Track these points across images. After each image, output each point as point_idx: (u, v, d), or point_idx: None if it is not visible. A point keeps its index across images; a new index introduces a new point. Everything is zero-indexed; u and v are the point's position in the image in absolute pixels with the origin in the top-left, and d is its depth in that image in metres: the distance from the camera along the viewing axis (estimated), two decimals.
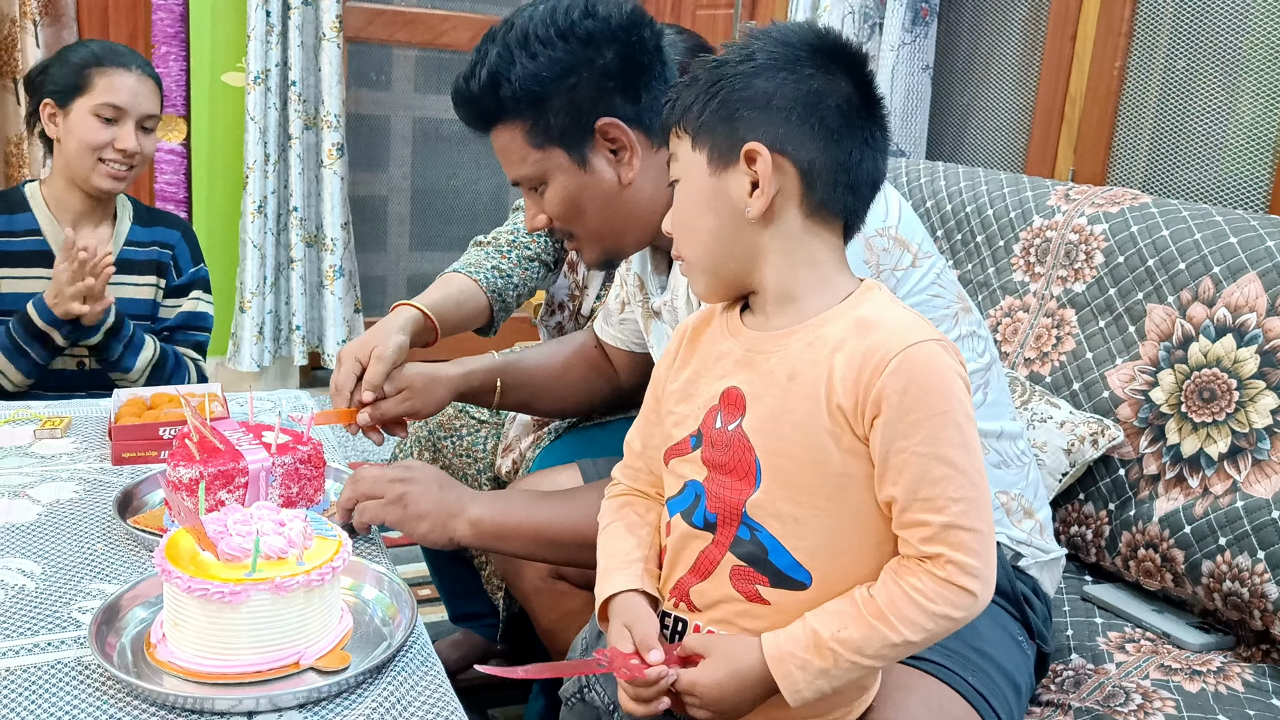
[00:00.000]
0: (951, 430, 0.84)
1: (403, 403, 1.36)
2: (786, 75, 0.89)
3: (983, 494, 0.85)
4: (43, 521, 1.24)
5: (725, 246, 0.92)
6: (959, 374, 0.85)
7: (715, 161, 0.91)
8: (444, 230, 3.75)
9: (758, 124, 0.88)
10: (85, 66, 1.81)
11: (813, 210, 0.90)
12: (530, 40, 1.20)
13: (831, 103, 0.88)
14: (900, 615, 0.85)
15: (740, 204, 0.89)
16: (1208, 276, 1.50)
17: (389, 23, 3.46)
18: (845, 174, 0.89)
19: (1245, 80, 1.99)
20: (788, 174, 0.89)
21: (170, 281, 1.97)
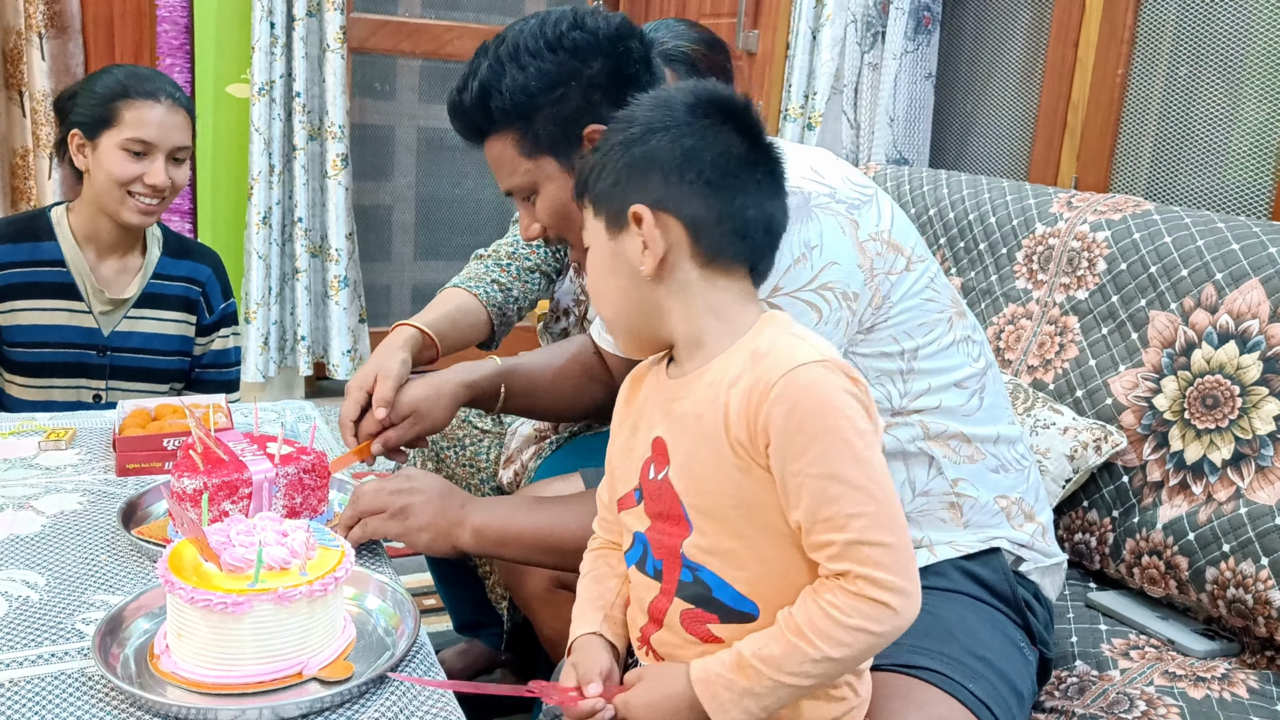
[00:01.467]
0: (841, 447, 0.85)
1: (411, 428, 1.36)
2: (663, 136, 0.93)
3: (885, 507, 0.85)
4: (47, 533, 1.24)
5: (633, 304, 0.96)
6: (846, 391, 0.86)
7: (611, 227, 0.96)
8: (448, 239, 3.76)
9: (640, 187, 0.93)
10: (112, 99, 1.76)
11: (707, 261, 0.93)
12: (520, 52, 1.22)
13: (708, 156, 0.92)
14: (817, 631, 0.86)
15: (636, 264, 0.93)
16: (1210, 283, 1.50)
17: (393, 33, 3.47)
18: (732, 222, 0.92)
19: (1248, 86, 1.99)
20: (673, 230, 0.92)
21: (202, 320, 1.95)
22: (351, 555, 1.03)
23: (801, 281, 1.07)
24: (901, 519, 0.86)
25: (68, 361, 1.85)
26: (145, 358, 1.90)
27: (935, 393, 1.18)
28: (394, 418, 1.35)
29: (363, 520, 1.23)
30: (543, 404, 1.55)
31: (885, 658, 1.08)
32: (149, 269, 1.88)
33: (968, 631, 1.13)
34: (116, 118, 1.76)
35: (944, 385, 1.19)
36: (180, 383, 1.98)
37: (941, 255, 1.93)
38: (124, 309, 1.87)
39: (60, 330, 1.83)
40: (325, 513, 1.32)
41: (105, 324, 1.86)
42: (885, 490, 0.86)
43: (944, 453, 1.19)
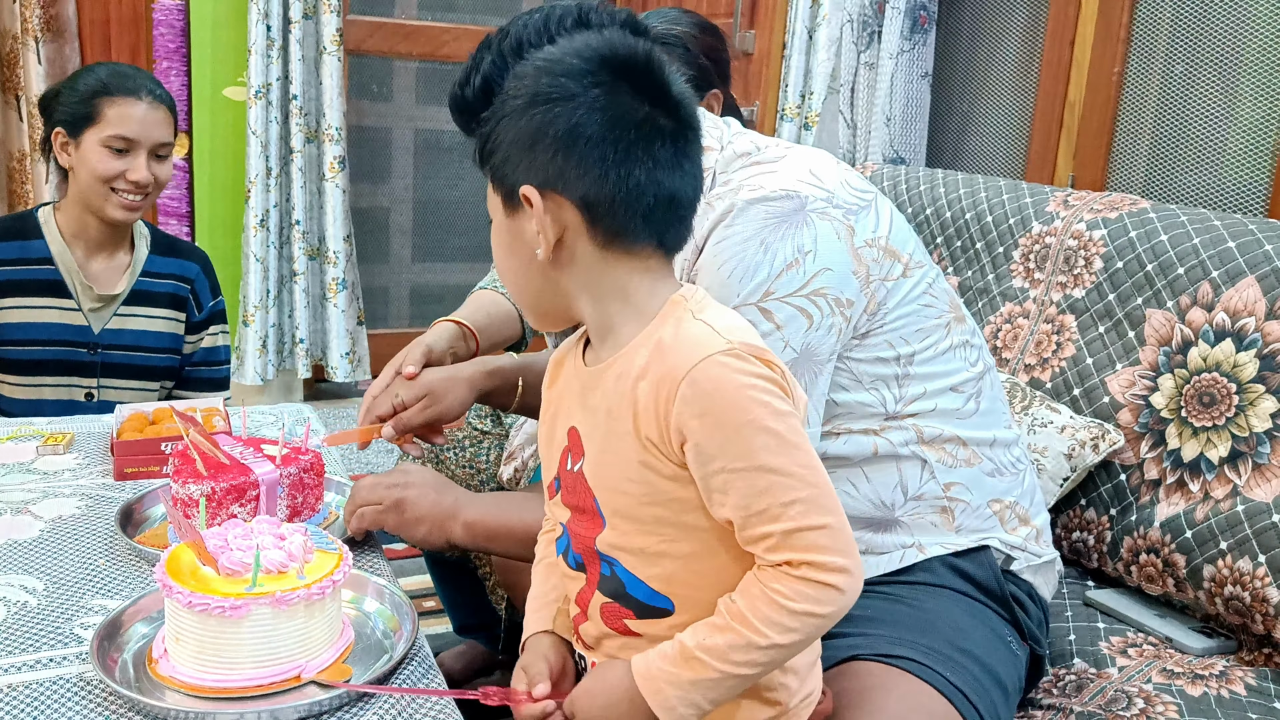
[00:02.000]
0: (762, 437, 0.81)
1: (424, 410, 1.33)
2: (549, 108, 0.86)
3: (818, 487, 0.83)
4: (45, 538, 1.24)
5: (534, 285, 0.92)
6: (757, 376, 0.82)
7: (506, 204, 0.90)
8: (446, 241, 3.76)
9: (528, 165, 0.87)
10: (94, 95, 1.77)
11: (607, 241, 0.87)
12: (523, 47, 1.21)
13: (599, 129, 0.85)
14: (762, 617, 0.82)
15: (533, 245, 0.88)
16: (1206, 281, 1.50)
17: (390, 35, 3.47)
18: (629, 201, 0.86)
19: (1244, 84, 1.99)
20: (567, 211, 0.86)
21: (191, 317, 1.96)
22: (349, 558, 1.04)
23: (793, 287, 1.07)
24: (834, 496, 0.84)
25: (59, 359, 1.85)
26: (136, 355, 1.90)
27: (931, 397, 1.18)
28: (407, 398, 1.34)
29: (359, 512, 1.24)
30: None
31: (865, 647, 1.08)
32: (137, 266, 1.90)
33: (951, 624, 1.14)
34: (98, 115, 1.78)
35: (940, 389, 1.19)
36: (171, 381, 1.98)
37: (938, 255, 1.93)
38: (113, 306, 1.87)
39: (50, 328, 1.84)
40: (321, 511, 1.32)
41: (95, 321, 1.86)
42: (815, 472, 0.83)
43: (938, 456, 1.19)
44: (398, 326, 3.74)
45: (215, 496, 1.16)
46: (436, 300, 3.80)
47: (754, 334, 0.87)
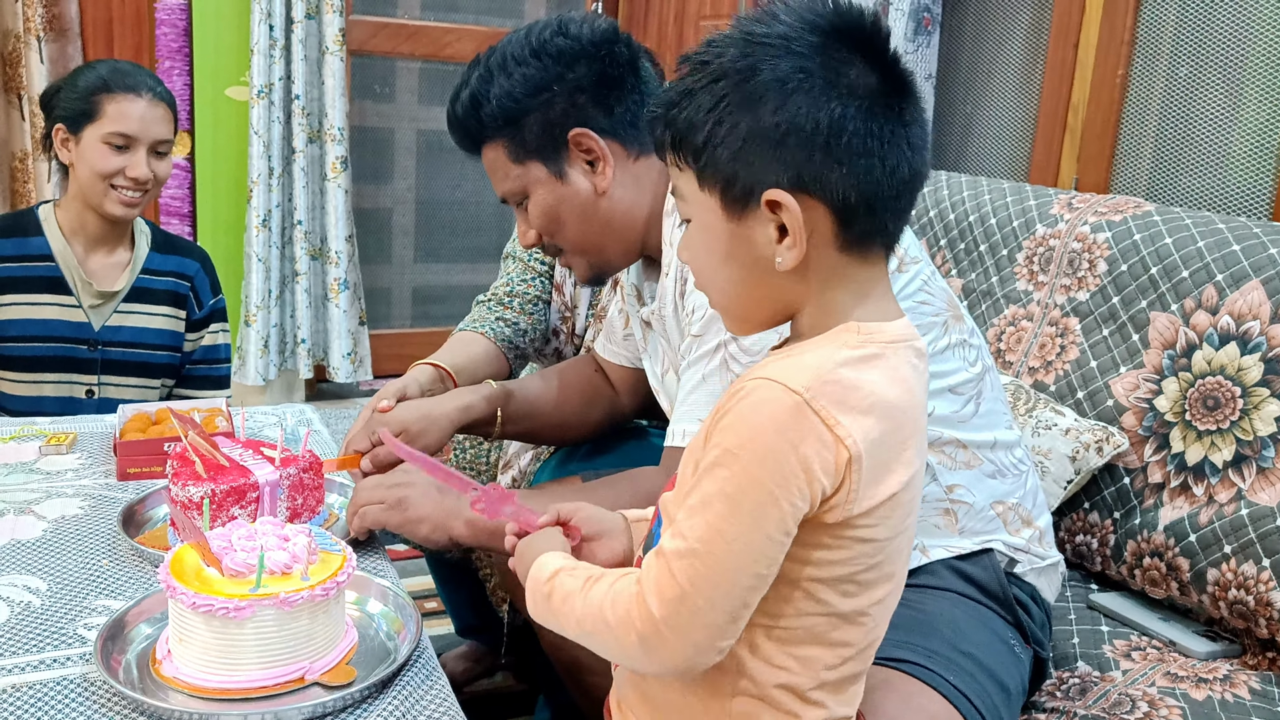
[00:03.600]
0: (726, 470, 0.74)
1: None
2: (800, 98, 0.75)
3: (711, 565, 0.74)
4: (48, 538, 1.24)
5: (754, 295, 0.82)
6: (802, 438, 0.73)
7: (731, 206, 0.79)
8: (448, 242, 3.75)
9: (775, 163, 0.76)
10: (94, 92, 1.78)
11: (849, 245, 0.78)
12: (508, 61, 1.27)
13: (858, 123, 0.75)
14: (590, 594, 0.80)
15: (766, 253, 0.78)
16: (1211, 284, 1.50)
17: (392, 35, 3.47)
18: (885, 195, 0.77)
19: (1248, 87, 1.99)
20: (818, 214, 0.77)
21: (191, 315, 1.96)
22: (353, 560, 1.03)
23: None
24: (722, 598, 0.75)
25: (59, 356, 1.86)
26: (136, 352, 1.91)
27: (929, 398, 1.18)
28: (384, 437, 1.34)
29: (362, 511, 1.24)
30: (542, 426, 1.54)
31: None
32: (137, 263, 1.90)
33: (953, 627, 1.14)
34: (98, 112, 1.78)
35: (938, 390, 1.19)
36: (171, 379, 1.98)
37: (942, 257, 1.93)
38: (113, 303, 1.87)
39: (50, 324, 1.84)
40: (321, 512, 1.32)
41: (95, 318, 1.86)
42: (728, 552, 0.73)
43: (939, 459, 1.19)
44: (400, 327, 3.74)
45: (215, 498, 1.16)
46: (438, 300, 3.80)
47: (866, 404, 0.76)
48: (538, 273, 1.83)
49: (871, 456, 0.75)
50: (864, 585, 0.80)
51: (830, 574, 0.78)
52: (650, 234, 1.31)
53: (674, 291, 1.26)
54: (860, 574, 0.79)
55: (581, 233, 1.30)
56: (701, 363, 1.17)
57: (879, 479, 0.76)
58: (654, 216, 1.29)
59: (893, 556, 0.81)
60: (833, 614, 0.80)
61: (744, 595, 0.75)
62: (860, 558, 0.78)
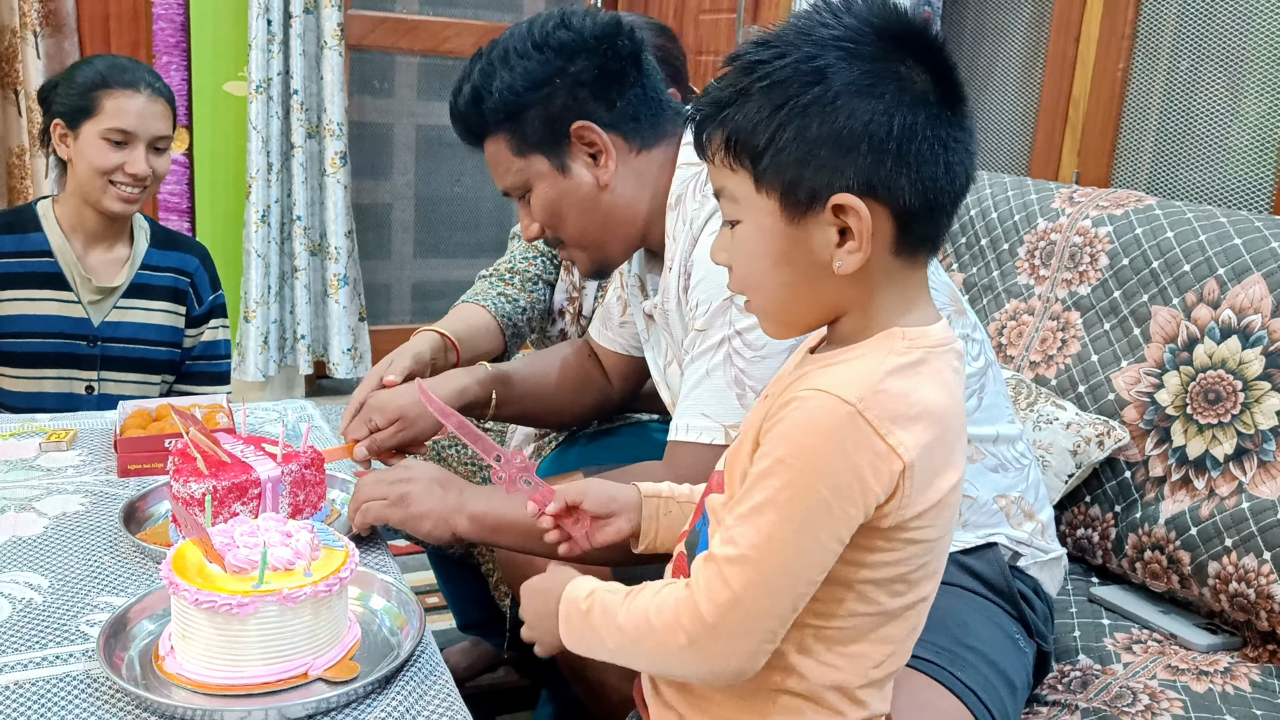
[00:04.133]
0: (778, 480, 0.75)
1: (397, 433, 1.36)
2: (873, 104, 0.75)
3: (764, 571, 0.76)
4: (49, 535, 1.24)
5: (803, 299, 0.81)
6: (856, 449, 0.74)
7: (791, 209, 0.78)
8: (448, 237, 3.75)
9: (845, 167, 0.76)
10: (92, 88, 1.77)
11: (904, 250, 0.79)
12: (509, 55, 1.26)
13: (927, 129, 0.76)
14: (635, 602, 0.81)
15: (824, 256, 0.78)
16: (1212, 278, 1.49)
17: (391, 30, 3.46)
18: (945, 201, 0.78)
19: (1249, 80, 1.99)
20: (881, 218, 0.77)
21: (191, 311, 1.96)
22: (356, 556, 1.03)
23: None
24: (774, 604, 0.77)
25: (58, 352, 1.85)
26: (136, 348, 1.90)
27: None
28: (380, 422, 1.35)
29: (364, 507, 1.24)
30: (536, 410, 1.55)
31: None
32: (137, 259, 1.90)
33: (959, 623, 1.14)
34: (97, 108, 1.78)
35: None
36: (172, 374, 1.98)
37: (943, 251, 1.93)
38: (113, 299, 1.87)
39: (50, 320, 1.83)
40: (323, 508, 1.32)
41: (95, 314, 1.86)
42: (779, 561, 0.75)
43: None
44: (399, 322, 3.74)
45: (217, 495, 1.16)
46: (438, 296, 3.80)
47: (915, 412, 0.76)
48: (540, 252, 1.83)
49: (923, 463, 0.76)
50: (913, 584, 0.82)
51: (883, 575, 0.80)
52: (652, 228, 1.30)
53: (677, 286, 1.26)
54: (911, 574, 0.81)
55: (583, 226, 1.30)
56: (705, 357, 1.17)
57: (930, 483, 0.78)
58: (656, 210, 1.29)
59: (940, 554, 0.83)
60: (882, 613, 0.81)
61: (795, 601, 0.77)
62: (912, 558, 0.80)
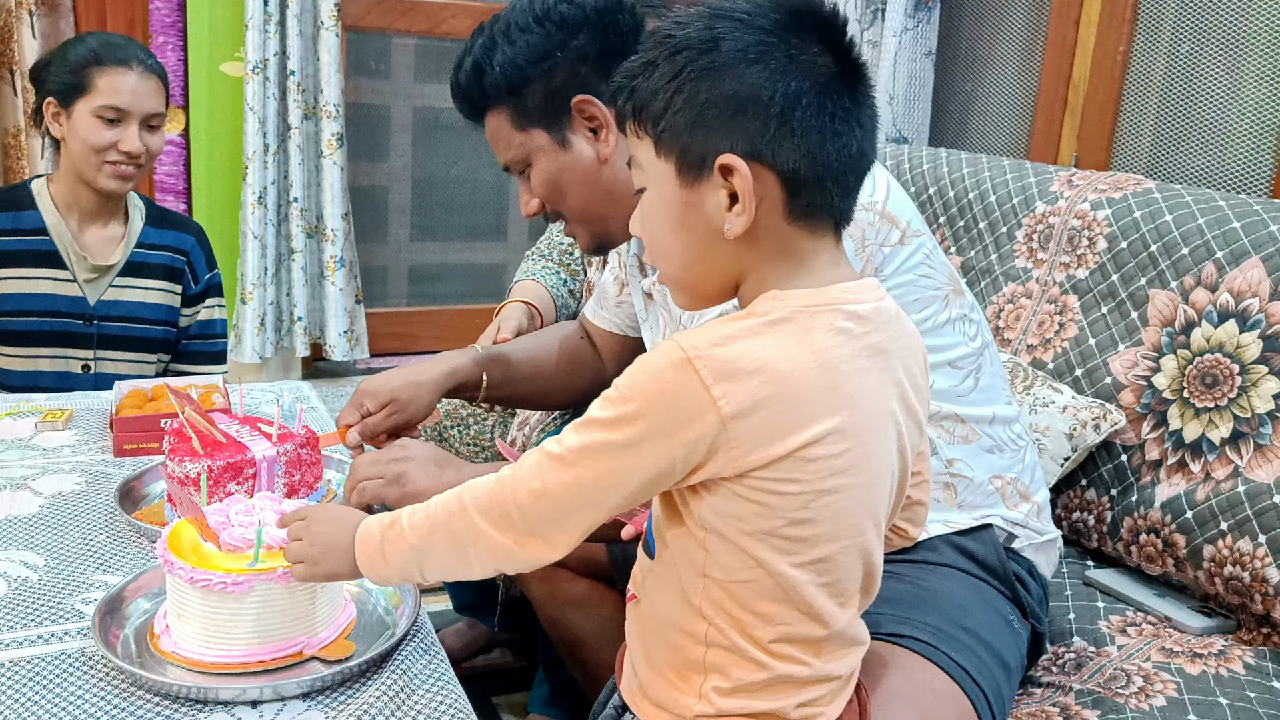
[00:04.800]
0: (610, 404, 0.80)
1: (389, 417, 1.35)
2: (759, 70, 0.79)
3: (573, 477, 0.81)
4: (45, 513, 1.24)
5: (705, 263, 0.85)
6: (670, 380, 0.78)
7: (685, 172, 0.82)
8: (445, 219, 3.73)
9: (731, 131, 0.80)
10: (85, 65, 1.76)
11: (798, 215, 0.82)
12: (511, 28, 1.27)
13: (813, 98, 0.79)
14: (448, 493, 0.88)
15: (717, 219, 0.82)
16: (1210, 262, 1.49)
17: (388, 11, 3.44)
18: (834, 172, 0.81)
19: (1249, 64, 1.98)
20: (768, 183, 0.80)
21: (187, 289, 1.95)
22: None
23: None
24: (571, 508, 0.82)
25: (54, 330, 1.85)
26: (132, 326, 1.90)
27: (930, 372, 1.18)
28: (372, 406, 1.35)
29: (359, 486, 1.24)
30: (530, 392, 1.55)
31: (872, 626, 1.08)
32: (132, 238, 1.89)
33: (955, 604, 1.14)
34: (90, 85, 1.77)
35: (938, 364, 1.19)
36: (168, 354, 1.98)
37: (941, 234, 1.92)
38: (109, 277, 1.87)
39: (45, 299, 1.83)
40: (319, 488, 1.32)
41: (91, 293, 1.86)
42: (592, 479, 0.80)
43: (938, 433, 1.19)
44: (396, 305, 3.73)
45: (212, 474, 1.16)
46: (435, 279, 3.79)
47: (753, 367, 0.78)
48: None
49: (753, 416, 0.78)
50: (796, 541, 0.82)
51: (754, 527, 0.82)
52: None
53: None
54: (786, 528, 0.82)
55: (584, 200, 1.30)
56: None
57: (775, 436, 0.79)
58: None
59: (831, 515, 0.82)
60: (775, 570, 0.83)
61: (595, 513, 0.82)
62: (781, 510, 0.81)
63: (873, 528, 0.87)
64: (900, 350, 0.87)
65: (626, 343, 1.54)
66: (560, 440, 0.82)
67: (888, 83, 2.44)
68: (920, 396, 0.89)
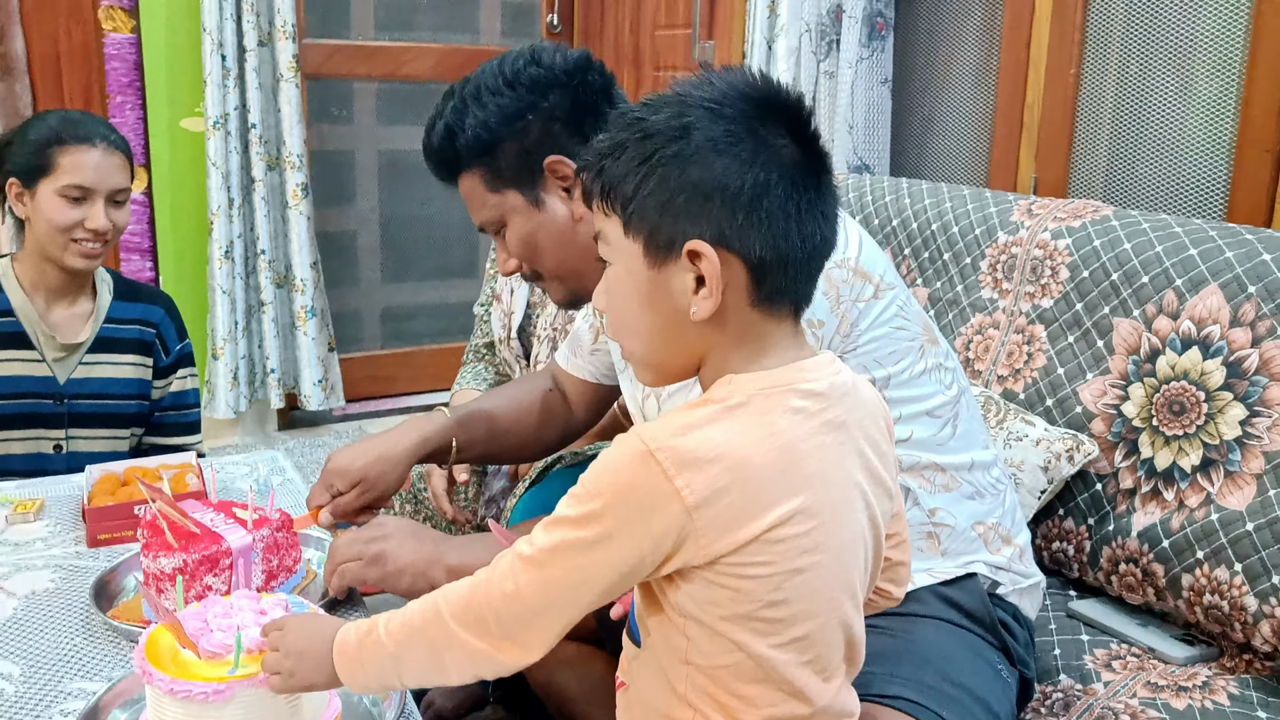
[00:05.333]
0: (578, 501, 0.81)
1: (360, 496, 1.34)
2: (728, 161, 0.81)
3: (546, 577, 0.81)
4: (20, 616, 1.23)
5: (668, 343, 0.86)
6: (634, 474, 0.79)
7: (653, 253, 0.84)
8: (416, 260, 3.73)
9: (700, 217, 0.81)
10: (47, 145, 1.75)
11: (761, 301, 0.84)
12: (481, 91, 1.28)
13: (779, 190, 0.81)
14: (423, 599, 0.86)
15: (683, 302, 0.83)
16: (1170, 289, 1.51)
17: (348, 57, 3.44)
18: (798, 259, 0.83)
19: (1197, 84, 2.01)
20: (734, 269, 0.82)
21: (158, 362, 1.94)
22: None
23: None
24: (545, 608, 0.82)
25: (25, 413, 1.83)
26: (103, 403, 1.88)
27: (906, 422, 1.19)
28: (342, 485, 1.34)
29: (340, 569, 1.23)
30: (501, 449, 1.54)
31: (861, 686, 1.09)
32: (100, 313, 1.87)
33: (943, 657, 1.14)
34: (53, 165, 1.75)
35: (915, 414, 1.20)
36: (140, 427, 1.96)
37: (907, 266, 1.94)
38: (78, 354, 1.85)
39: (14, 381, 1.81)
40: (299, 570, 1.31)
41: (60, 371, 1.84)
42: (563, 578, 0.81)
43: (919, 483, 1.20)
44: (370, 349, 3.72)
45: (188, 569, 1.15)
46: (408, 319, 3.78)
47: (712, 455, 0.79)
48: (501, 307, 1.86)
49: (720, 502, 0.79)
50: (774, 623, 0.83)
51: (730, 612, 0.82)
52: None
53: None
54: (762, 610, 0.82)
55: (560, 258, 1.31)
56: (683, 393, 1.17)
57: (740, 521, 0.80)
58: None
59: (805, 594, 0.83)
60: (755, 653, 0.83)
61: (569, 612, 0.82)
62: (754, 594, 0.82)
63: (849, 600, 0.87)
64: (860, 421, 0.87)
65: (600, 391, 1.54)
66: (531, 541, 0.83)
67: (846, 112, 2.46)
68: (885, 462, 0.90)
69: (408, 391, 3.68)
